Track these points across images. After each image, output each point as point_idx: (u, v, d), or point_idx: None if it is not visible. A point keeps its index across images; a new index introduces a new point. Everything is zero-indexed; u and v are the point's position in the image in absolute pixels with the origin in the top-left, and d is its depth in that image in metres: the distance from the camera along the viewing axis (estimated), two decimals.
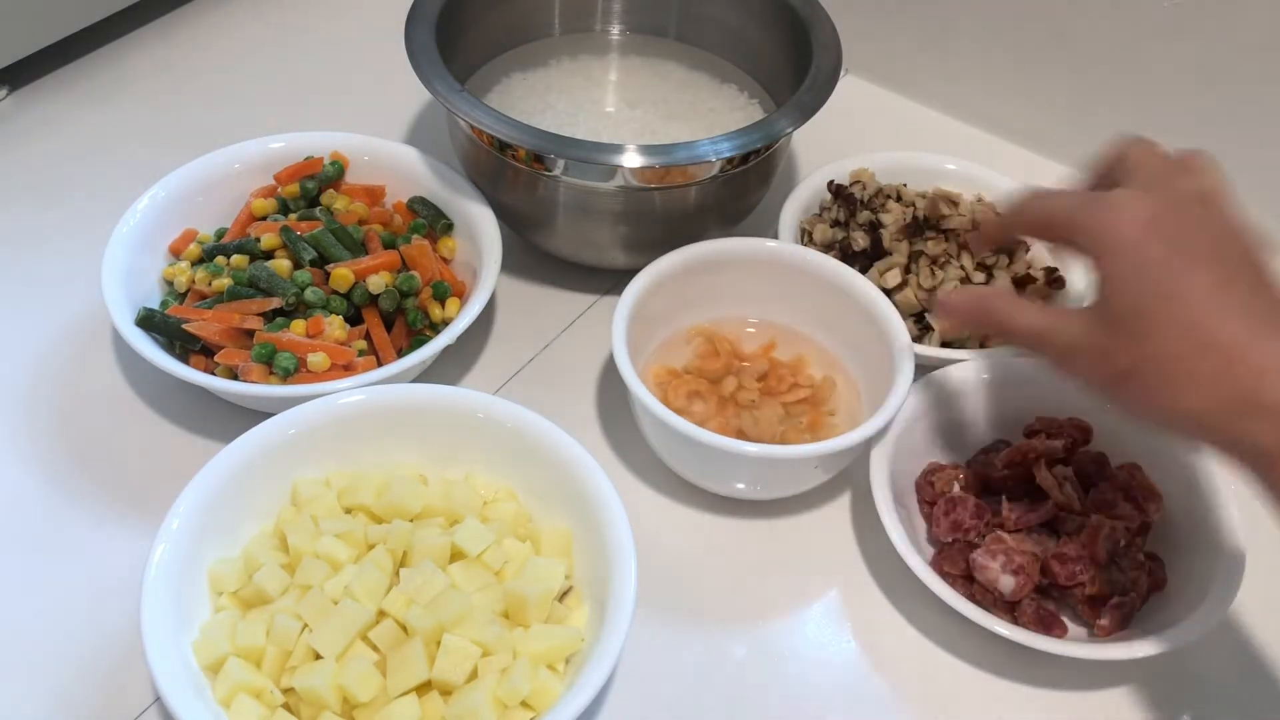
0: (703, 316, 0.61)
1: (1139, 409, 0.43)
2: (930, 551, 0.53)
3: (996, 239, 0.51)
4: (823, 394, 0.59)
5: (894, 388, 0.53)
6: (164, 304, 0.59)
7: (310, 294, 0.57)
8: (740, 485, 0.55)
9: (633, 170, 0.57)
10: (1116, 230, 0.43)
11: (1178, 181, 0.44)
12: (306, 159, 0.65)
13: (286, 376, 0.54)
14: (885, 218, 0.63)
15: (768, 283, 0.60)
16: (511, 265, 0.67)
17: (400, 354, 0.58)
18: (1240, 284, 0.41)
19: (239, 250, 0.60)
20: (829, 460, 0.53)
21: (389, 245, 0.61)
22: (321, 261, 0.59)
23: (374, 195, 0.65)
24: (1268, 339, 0.40)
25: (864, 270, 0.63)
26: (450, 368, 0.62)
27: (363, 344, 0.58)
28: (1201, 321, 0.40)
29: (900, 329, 0.56)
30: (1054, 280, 0.63)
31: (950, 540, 0.53)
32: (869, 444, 0.53)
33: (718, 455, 0.52)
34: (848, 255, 0.64)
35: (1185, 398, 0.41)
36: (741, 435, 0.56)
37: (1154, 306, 0.41)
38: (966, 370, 0.57)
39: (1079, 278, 0.62)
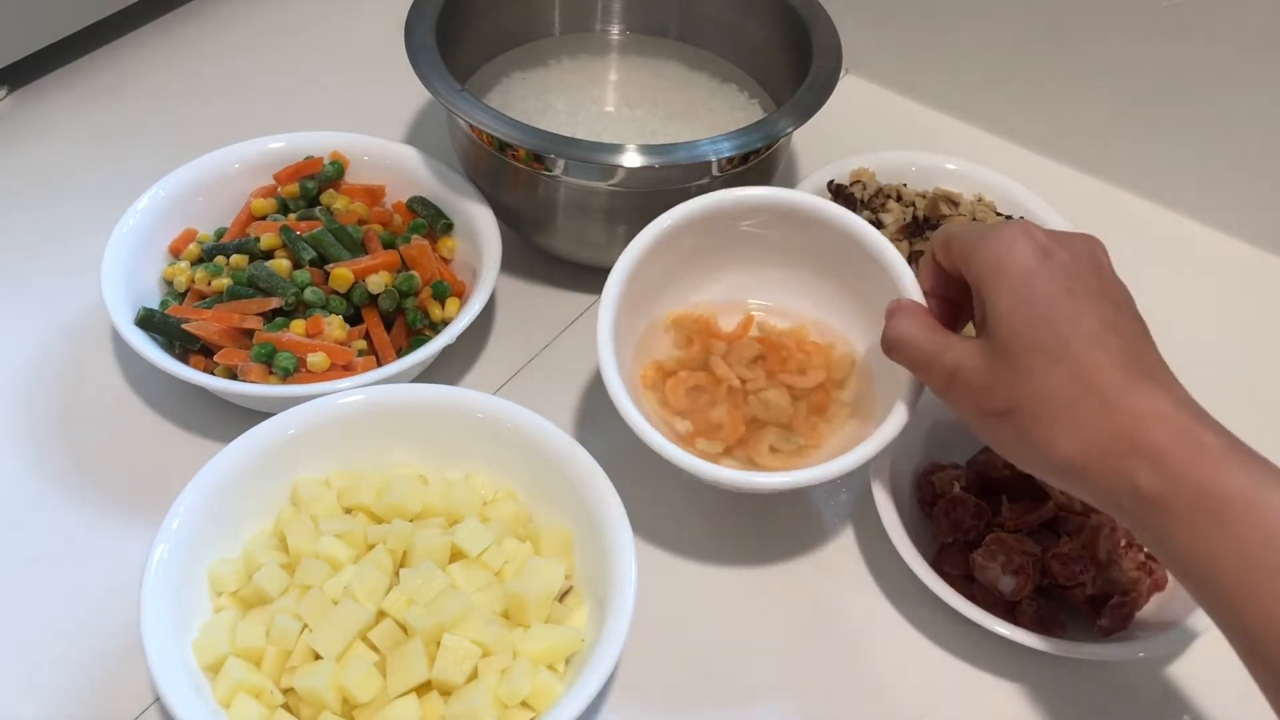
0: (696, 298, 0.58)
1: (1015, 450, 0.43)
2: (930, 551, 0.53)
3: (929, 283, 0.50)
4: (836, 368, 0.56)
5: (909, 383, 0.50)
6: (164, 304, 0.59)
7: (310, 294, 0.57)
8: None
9: (632, 170, 0.57)
10: (1011, 258, 0.43)
11: (1061, 232, 0.45)
12: (306, 159, 0.65)
13: (286, 376, 0.54)
14: (885, 218, 0.63)
15: (776, 240, 0.56)
16: (511, 265, 0.67)
17: (400, 354, 0.58)
18: (1120, 330, 0.42)
19: (239, 250, 0.60)
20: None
21: (389, 245, 0.61)
22: (321, 261, 0.59)
23: (374, 195, 0.65)
24: (1144, 387, 0.40)
25: None
26: (450, 368, 0.62)
27: (362, 344, 0.58)
28: (1084, 364, 0.40)
29: (915, 290, 0.51)
30: None
31: (950, 540, 0.53)
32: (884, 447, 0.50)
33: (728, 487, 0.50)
34: None
35: (1063, 441, 0.40)
36: (755, 422, 0.54)
37: (1038, 343, 0.41)
38: None
39: None
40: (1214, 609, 0.38)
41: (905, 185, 0.67)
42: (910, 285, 0.51)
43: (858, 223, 0.54)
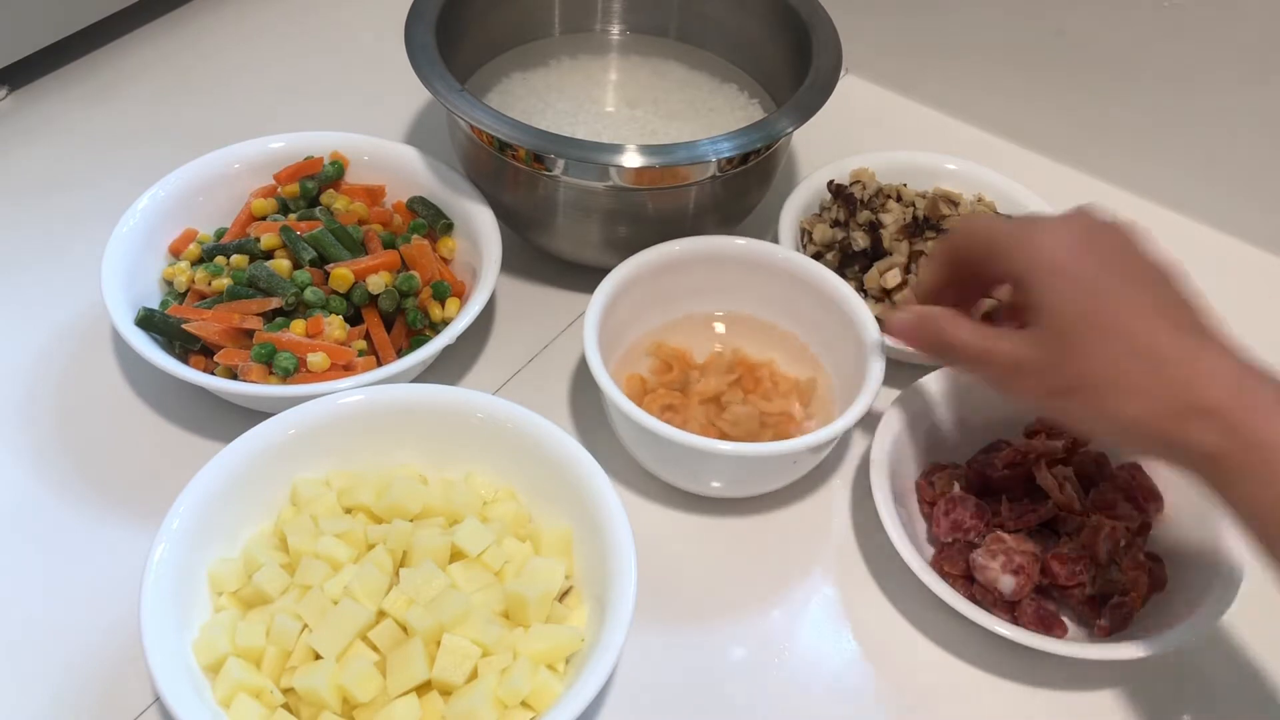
0: (673, 315, 0.61)
1: (1086, 420, 0.45)
2: (930, 551, 0.53)
3: (935, 282, 0.52)
4: (800, 396, 0.59)
5: (866, 382, 0.53)
6: (164, 304, 0.59)
7: (310, 294, 0.57)
8: (716, 484, 0.55)
9: (632, 170, 0.57)
10: (1048, 252, 0.45)
11: (1088, 211, 0.47)
12: (306, 159, 0.65)
13: (286, 376, 0.54)
14: (885, 218, 0.63)
15: (738, 281, 0.61)
16: (511, 265, 0.67)
17: (400, 354, 0.58)
18: (1168, 301, 0.44)
19: (239, 250, 0.60)
20: (805, 457, 0.53)
21: (389, 245, 0.61)
22: (321, 261, 0.59)
23: (374, 195, 0.65)
24: (1195, 349, 0.42)
25: (864, 270, 0.63)
26: (450, 368, 0.62)
27: (362, 344, 0.58)
28: (1137, 335, 0.43)
29: (869, 322, 0.56)
30: None
31: (950, 540, 0.53)
32: (840, 440, 0.53)
33: (690, 454, 0.52)
34: (848, 255, 0.64)
35: (1128, 406, 0.42)
36: (723, 438, 0.56)
37: (1092, 322, 0.43)
38: None
39: None
40: (1276, 555, 0.40)
41: (905, 185, 0.67)
42: (863, 314, 0.56)
43: (815, 268, 0.59)
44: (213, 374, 0.55)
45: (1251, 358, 0.42)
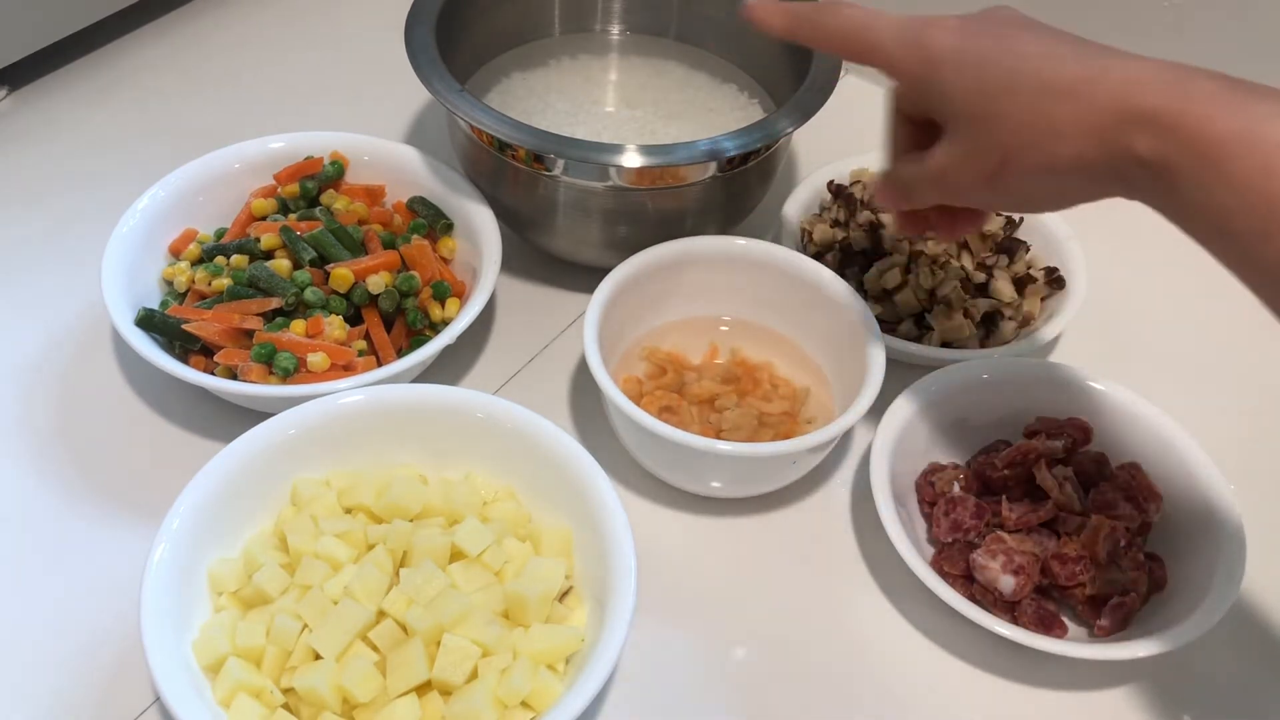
0: (673, 316, 0.61)
1: (1025, 188, 0.43)
2: (930, 551, 0.53)
3: (777, 26, 0.49)
4: (799, 399, 0.59)
5: (866, 383, 0.53)
6: (164, 304, 0.59)
7: (310, 294, 0.57)
8: (716, 484, 0.55)
9: (632, 170, 0.57)
10: (936, 42, 0.44)
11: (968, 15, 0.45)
12: (306, 159, 0.65)
13: (286, 376, 0.54)
14: (885, 218, 0.63)
15: (737, 281, 0.61)
16: (511, 265, 0.67)
17: (400, 354, 0.58)
18: (1060, 36, 0.42)
19: (239, 250, 0.60)
20: (805, 457, 0.53)
21: (389, 245, 0.61)
22: (321, 261, 0.59)
23: (374, 195, 0.65)
24: (1111, 64, 0.40)
25: (864, 270, 0.63)
26: (450, 368, 0.62)
27: (363, 344, 0.58)
28: (1043, 77, 0.41)
29: (870, 323, 0.56)
30: (1054, 280, 0.63)
31: (950, 540, 0.53)
32: (840, 440, 0.53)
33: (690, 454, 0.52)
34: (848, 255, 0.64)
35: (1061, 147, 0.40)
36: (720, 438, 0.56)
37: (997, 87, 0.42)
38: (966, 370, 0.57)
39: (1080, 280, 0.62)
40: (1231, 261, 0.38)
41: None
42: (863, 314, 0.56)
43: (815, 268, 0.59)
44: (213, 374, 0.55)
45: (1167, 61, 0.39)
